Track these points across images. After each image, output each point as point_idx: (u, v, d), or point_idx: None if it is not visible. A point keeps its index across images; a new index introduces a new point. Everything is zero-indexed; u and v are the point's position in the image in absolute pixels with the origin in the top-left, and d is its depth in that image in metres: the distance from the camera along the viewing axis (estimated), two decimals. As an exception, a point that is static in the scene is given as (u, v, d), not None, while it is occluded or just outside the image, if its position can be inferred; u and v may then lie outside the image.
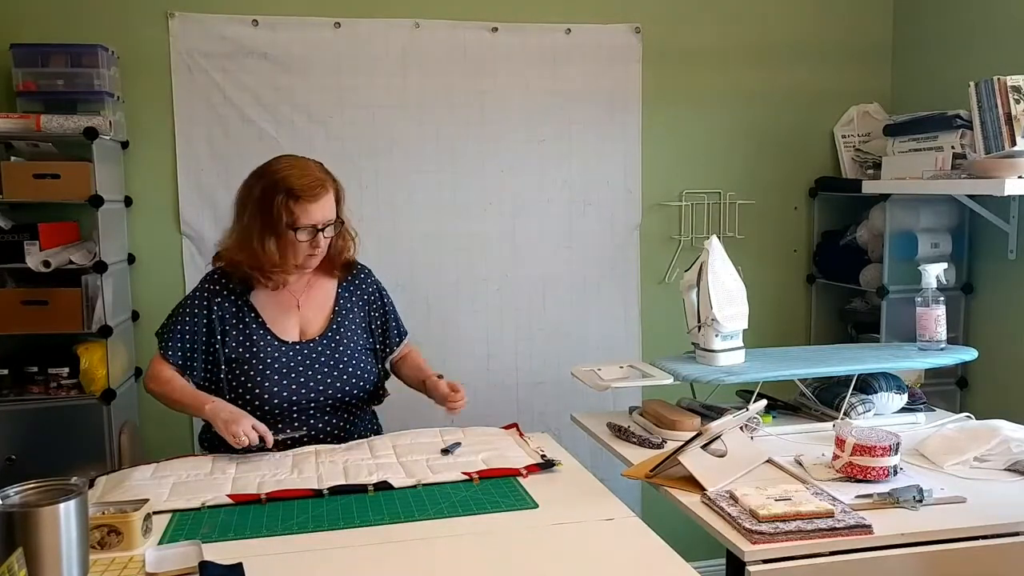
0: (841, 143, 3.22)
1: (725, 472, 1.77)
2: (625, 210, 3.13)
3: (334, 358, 2.08)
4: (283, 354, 2.05)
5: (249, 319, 2.06)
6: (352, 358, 2.10)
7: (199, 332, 2.05)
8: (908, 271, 2.71)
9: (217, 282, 2.08)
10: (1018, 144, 2.41)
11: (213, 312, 2.05)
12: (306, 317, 2.11)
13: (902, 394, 2.22)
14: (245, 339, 2.05)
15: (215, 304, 2.06)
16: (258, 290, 2.08)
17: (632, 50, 3.08)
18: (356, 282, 2.20)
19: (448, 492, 1.72)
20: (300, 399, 2.04)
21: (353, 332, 2.14)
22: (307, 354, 2.06)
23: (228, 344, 2.04)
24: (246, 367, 2.03)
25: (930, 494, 1.65)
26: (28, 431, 2.47)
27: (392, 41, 2.90)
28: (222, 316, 2.05)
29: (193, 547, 1.44)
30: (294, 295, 2.11)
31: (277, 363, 2.03)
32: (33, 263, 2.43)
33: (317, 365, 2.06)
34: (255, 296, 2.08)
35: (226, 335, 2.05)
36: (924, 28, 3.13)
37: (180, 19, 2.77)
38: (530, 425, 2.21)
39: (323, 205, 2.00)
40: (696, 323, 2.22)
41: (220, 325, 2.05)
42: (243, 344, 2.04)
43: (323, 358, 2.07)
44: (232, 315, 2.06)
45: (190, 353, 2.05)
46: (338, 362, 2.08)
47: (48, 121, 2.44)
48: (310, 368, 2.05)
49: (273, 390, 2.01)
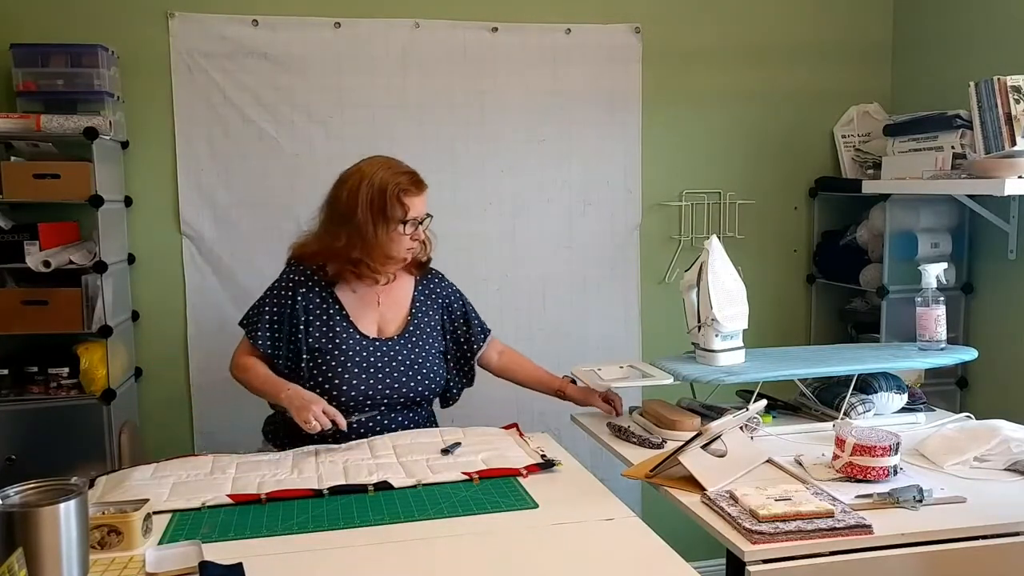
0: (841, 143, 3.22)
1: (725, 472, 1.77)
2: (625, 210, 3.13)
3: (409, 358, 2.15)
4: (364, 348, 2.12)
5: (333, 311, 2.13)
6: (427, 360, 2.17)
7: (284, 320, 2.12)
8: (908, 271, 2.71)
9: (302, 273, 2.17)
10: (1018, 144, 2.41)
11: (298, 302, 2.13)
12: (385, 316, 2.19)
13: (902, 394, 2.22)
14: (328, 330, 2.11)
15: (299, 294, 2.13)
16: (343, 284, 2.15)
17: (632, 50, 3.08)
18: (431, 285, 2.28)
19: (448, 492, 1.72)
20: (375, 394, 2.09)
21: (427, 334, 2.21)
22: (385, 351, 2.13)
23: (311, 334, 2.11)
24: (328, 357, 2.09)
25: (930, 494, 1.65)
26: (28, 431, 2.47)
27: (392, 41, 2.90)
28: (307, 306, 2.13)
29: (193, 547, 1.45)
30: (375, 292, 2.18)
31: (358, 356, 2.10)
32: (33, 263, 2.43)
33: (394, 363, 2.13)
34: (340, 290, 2.16)
35: (310, 324, 2.12)
36: (924, 28, 3.13)
37: (180, 19, 2.77)
38: (530, 425, 2.21)
39: (424, 199, 2.14)
40: (696, 323, 2.22)
41: (304, 315, 2.12)
42: (326, 335, 2.11)
43: (400, 356, 2.14)
44: (316, 305, 2.13)
45: (277, 341, 2.13)
46: (413, 362, 2.15)
47: (48, 121, 2.44)
48: (387, 365, 2.12)
49: (352, 383, 2.07)
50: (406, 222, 2.09)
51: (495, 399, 3.02)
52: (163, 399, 2.87)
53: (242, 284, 2.86)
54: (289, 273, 2.18)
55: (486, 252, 3.04)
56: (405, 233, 2.10)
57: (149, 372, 2.85)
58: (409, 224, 2.10)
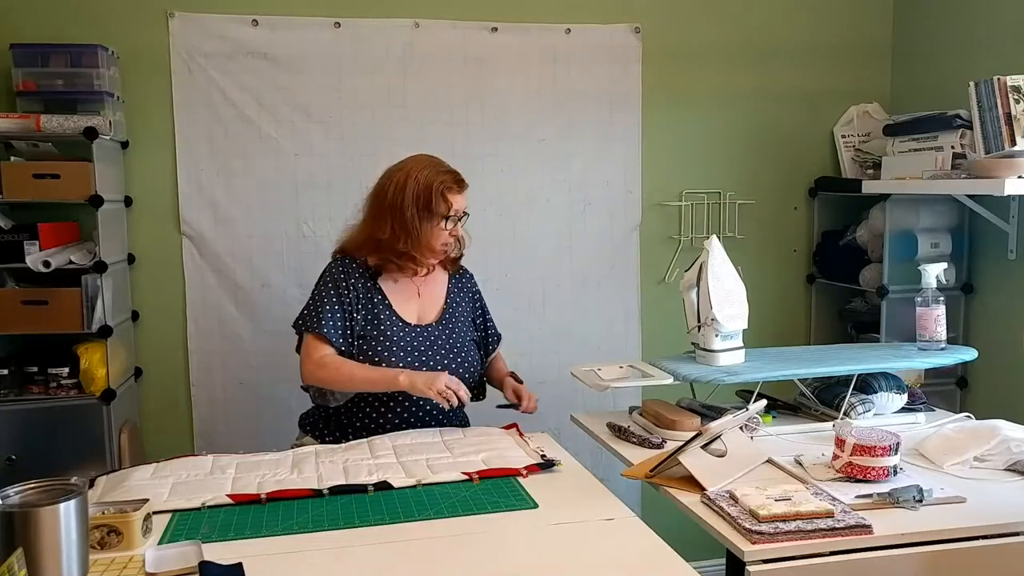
0: (841, 143, 3.22)
1: (725, 472, 1.77)
2: (625, 210, 3.13)
3: (448, 343, 2.22)
4: (407, 334, 2.18)
5: (377, 299, 2.20)
6: (464, 346, 2.26)
7: (346, 309, 2.17)
8: (908, 271, 2.71)
9: (348, 265, 2.23)
10: (1018, 144, 2.41)
11: (349, 290, 2.18)
12: (424, 305, 2.26)
13: (902, 394, 2.22)
14: (373, 317, 2.18)
15: (349, 284, 2.20)
16: (386, 276, 2.23)
17: (632, 50, 3.08)
18: (463, 281, 2.38)
19: (448, 492, 1.72)
20: None
21: (463, 323, 2.30)
22: (426, 337, 2.20)
23: (358, 321, 2.17)
24: (373, 343, 2.15)
25: (930, 494, 1.65)
26: (28, 431, 2.47)
27: (392, 41, 2.90)
28: (357, 296, 2.19)
29: (193, 547, 1.45)
30: (415, 284, 2.26)
31: (402, 341, 2.17)
32: (33, 263, 2.43)
33: (434, 348, 2.20)
34: (383, 281, 2.24)
35: (356, 312, 2.17)
36: (924, 28, 3.13)
37: (180, 19, 2.77)
38: (530, 425, 2.21)
39: (465, 197, 2.24)
40: (696, 323, 2.22)
41: (355, 303, 2.18)
42: (371, 322, 2.18)
43: (440, 342, 2.21)
44: (362, 295, 2.20)
45: (347, 330, 2.16)
46: (452, 347, 2.22)
47: (48, 121, 2.44)
48: (429, 350, 2.19)
49: (398, 367, 2.12)
50: (448, 217, 2.18)
51: (496, 399, 3.03)
52: (163, 399, 2.87)
53: (242, 284, 2.86)
54: (336, 265, 2.24)
55: (486, 252, 3.03)
56: (445, 228, 2.19)
57: (149, 372, 2.85)
58: (450, 220, 2.19)
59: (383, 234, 2.17)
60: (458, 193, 2.21)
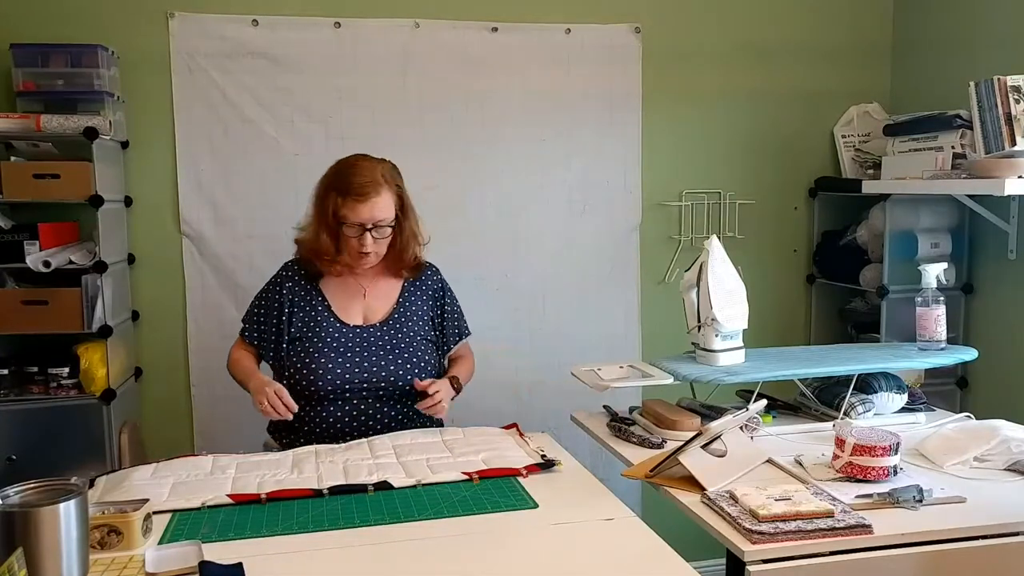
0: (841, 143, 3.22)
1: (725, 472, 1.77)
2: (625, 210, 3.13)
3: (392, 343, 2.15)
4: (343, 335, 2.14)
5: (316, 302, 2.18)
6: (411, 346, 2.17)
7: (271, 313, 2.18)
8: (908, 271, 2.71)
9: (291, 268, 2.24)
10: (1018, 144, 2.41)
11: (283, 295, 2.18)
12: (371, 305, 2.22)
13: (902, 394, 2.22)
14: (310, 320, 2.16)
15: (286, 288, 2.19)
16: (328, 277, 2.20)
17: (632, 50, 3.08)
18: (423, 276, 2.29)
19: (448, 492, 1.72)
20: (354, 379, 2.10)
21: (415, 322, 2.22)
22: (366, 337, 2.15)
23: (294, 324, 2.16)
24: (307, 345, 2.13)
25: (930, 494, 1.65)
26: (28, 431, 2.47)
27: (392, 41, 2.90)
28: (292, 299, 2.18)
29: (193, 547, 1.45)
30: (361, 284, 2.22)
31: (336, 343, 2.12)
32: (33, 263, 2.43)
33: (374, 348, 2.14)
34: (324, 283, 2.22)
35: (293, 316, 2.17)
36: (924, 28, 3.13)
37: (180, 19, 2.77)
38: (530, 425, 2.21)
39: (372, 205, 2.08)
40: (696, 323, 2.22)
41: (289, 307, 2.17)
42: (307, 325, 2.16)
43: (381, 343, 2.15)
44: (301, 298, 2.19)
45: (264, 334, 2.19)
46: (395, 347, 2.15)
47: (48, 121, 2.44)
48: (367, 351, 2.13)
49: (327, 367, 2.09)
50: (343, 225, 2.10)
51: (495, 399, 3.03)
52: (163, 399, 2.87)
53: (242, 284, 2.86)
54: (281, 270, 2.26)
55: (486, 252, 3.04)
56: (349, 236, 2.11)
57: (149, 372, 2.86)
58: (350, 228, 2.10)
59: (307, 235, 2.18)
60: (358, 202, 2.07)
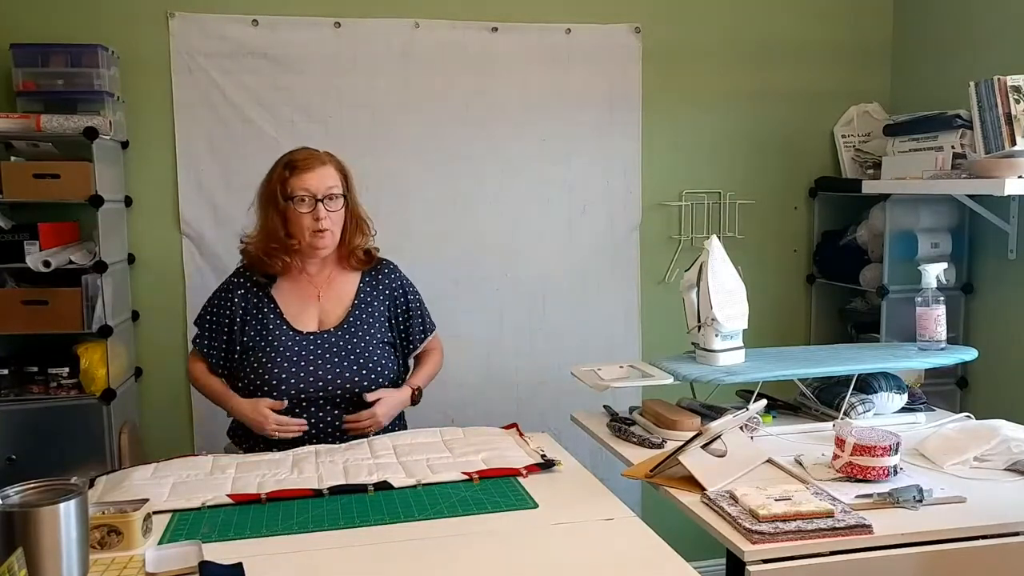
0: (841, 143, 3.22)
1: (725, 472, 1.77)
2: (625, 210, 3.13)
3: (347, 349, 2.12)
4: (296, 343, 2.10)
5: (268, 310, 2.14)
6: (367, 350, 2.13)
7: (222, 323, 2.16)
8: (908, 271, 2.71)
9: (241, 275, 2.21)
10: (1018, 144, 2.41)
11: (234, 303, 2.15)
12: (325, 309, 2.17)
13: (902, 394, 2.22)
14: (262, 328, 2.13)
15: (237, 296, 2.16)
16: (280, 282, 2.17)
17: (632, 50, 3.08)
18: (380, 276, 2.25)
19: (448, 492, 1.72)
20: (309, 387, 2.07)
21: (371, 325, 2.18)
22: (320, 344, 2.12)
23: (246, 333, 2.13)
24: (260, 354, 2.09)
25: (930, 494, 1.65)
26: (28, 431, 2.47)
27: (392, 41, 2.90)
28: (244, 307, 2.15)
29: (193, 547, 1.45)
30: (315, 287, 2.18)
31: (289, 351, 2.09)
32: (33, 263, 2.43)
33: (329, 355, 2.10)
34: (276, 288, 2.17)
35: (245, 324, 2.14)
36: (924, 28, 3.13)
37: (180, 19, 2.77)
38: (530, 425, 2.21)
39: (319, 175, 2.10)
40: (696, 323, 2.22)
41: (241, 315, 2.14)
42: (260, 333, 2.12)
43: (336, 348, 2.11)
44: (253, 306, 2.15)
45: (215, 343, 2.16)
46: (351, 352, 2.12)
47: (48, 121, 2.44)
48: (321, 358, 2.09)
49: (281, 376, 2.06)
50: (293, 198, 2.07)
51: (495, 399, 3.03)
52: (163, 399, 2.87)
53: (242, 284, 2.86)
54: (230, 277, 2.23)
55: (486, 252, 3.04)
56: (301, 212, 2.08)
57: (149, 372, 2.85)
58: (300, 201, 2.07)
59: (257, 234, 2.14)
60: (305, 171, 2.07)
